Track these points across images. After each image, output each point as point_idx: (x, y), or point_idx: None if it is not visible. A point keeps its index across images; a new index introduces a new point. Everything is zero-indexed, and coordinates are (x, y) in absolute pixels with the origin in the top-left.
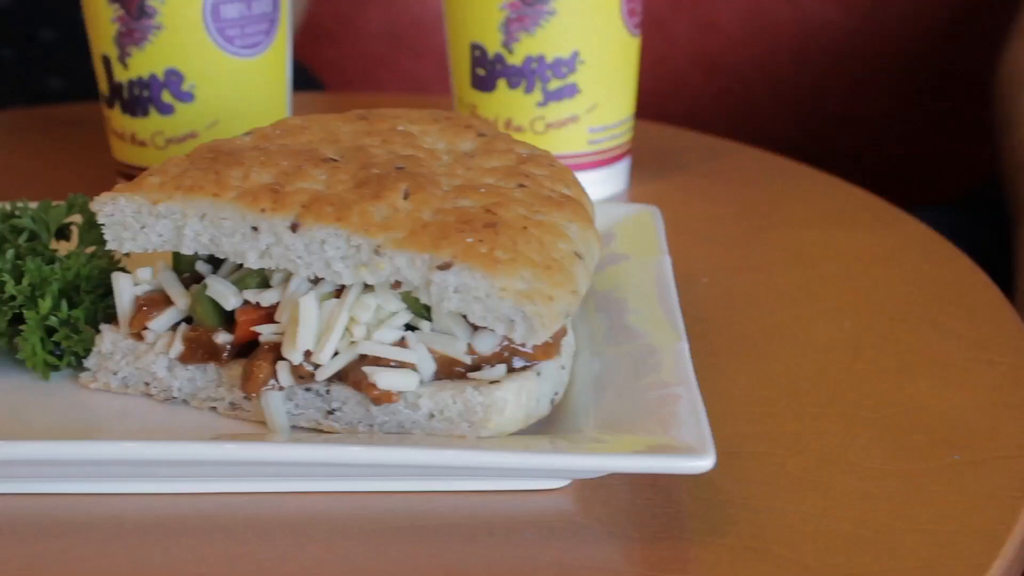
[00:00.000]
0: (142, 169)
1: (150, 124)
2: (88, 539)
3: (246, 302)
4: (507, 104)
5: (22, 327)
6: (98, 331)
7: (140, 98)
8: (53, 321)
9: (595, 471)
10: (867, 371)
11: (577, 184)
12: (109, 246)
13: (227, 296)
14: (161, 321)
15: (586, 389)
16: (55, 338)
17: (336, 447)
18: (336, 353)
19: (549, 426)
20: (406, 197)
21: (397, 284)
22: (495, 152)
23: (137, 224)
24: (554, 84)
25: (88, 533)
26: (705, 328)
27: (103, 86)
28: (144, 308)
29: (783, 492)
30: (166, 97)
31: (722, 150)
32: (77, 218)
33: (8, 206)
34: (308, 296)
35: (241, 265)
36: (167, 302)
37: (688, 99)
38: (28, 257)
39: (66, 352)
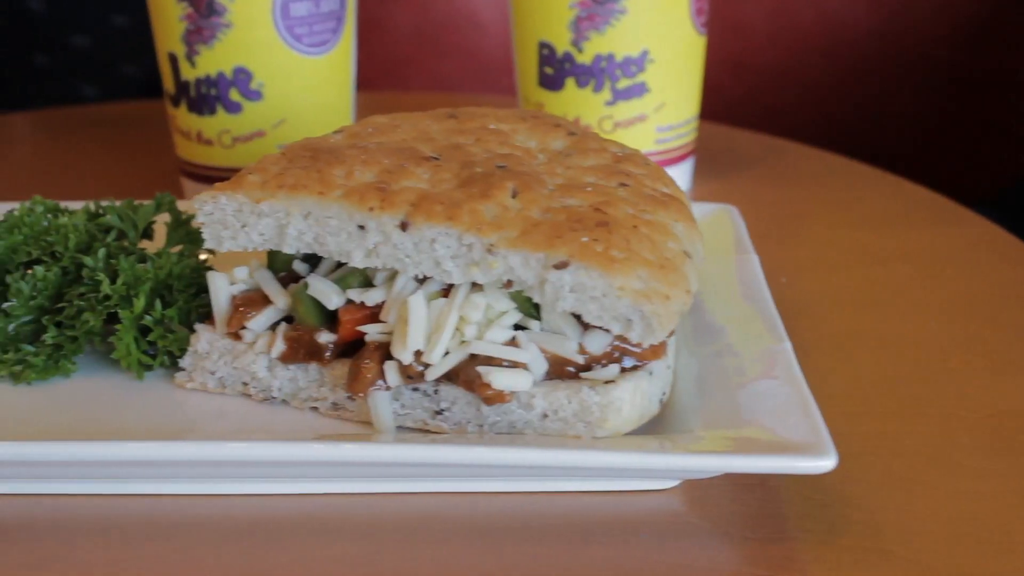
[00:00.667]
0: (207, 167)
1: (217, 122)
2: (199, 540)
3: (349, 301)
4: (575, 103)
5: (116, 327)
6: (192, 330)
7: (207, 96)
8: (148, 321)
9: (716, 471)
10: (960, 371)
11: (673, 182)
12: (207, 245)
13: (330, 295)
14: (260, 320)
15: (689, 389)
16: (150, 338)
17: (460, 447)
18: (446, 353)
19: (656, 426)
20: (514, 196)
21: (508, 283)
22: (589, 151)
23: (238, 223)
24: (623, 83)
25: (199, 534)
26: (791, 327)
27: (168, 84)
28: (241, 308)
29: (893, 492)
30: (234, 95)
31: (779, 149)
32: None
33: (92, 205)
34: (416, 296)
35: (340, 264)
36: (264, 301)
37: (717, 99)
38: (121, 256)
39: (159, 352)
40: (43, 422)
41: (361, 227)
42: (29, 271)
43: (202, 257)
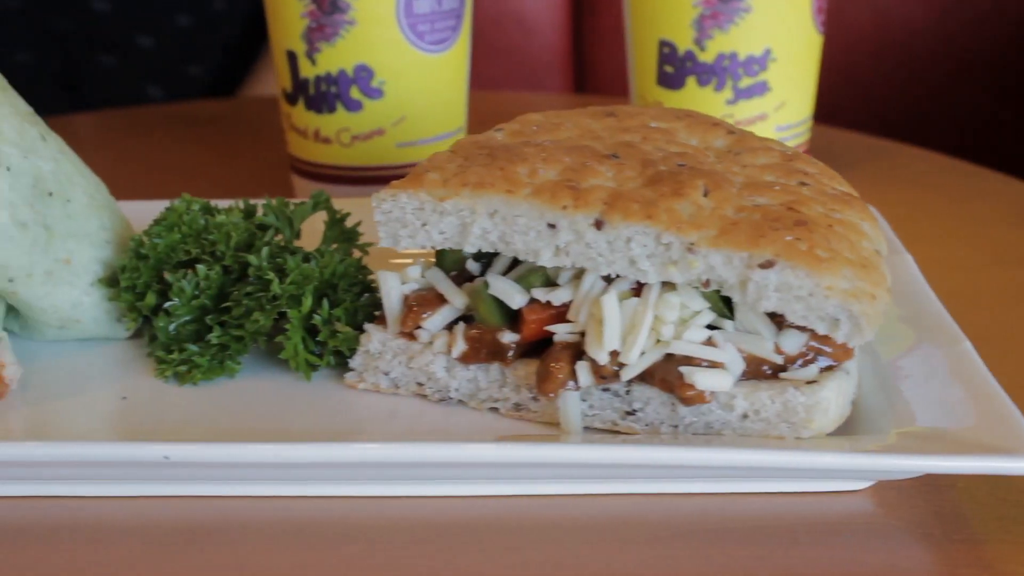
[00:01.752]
0: (324, 166)
1: (336, 120)
2: (393, 543)
3: (532, 300)
4: (695, 102)
5: (285, 326)
6: (358, 330)
7: (327, 94)
8: (317, 320)
9: (919, 471)
10: None
11: (845, 181)
12: (383, 243)
13: (513, 295)
14: (435, 320)
15: (874, 389)
16: (320, 338)
17: (675, 448)
18: (642, 353)
19: (843, 427)
20: (706, 194)
21: (706, 283)
22: (757, 149)
23: (418, 221)
24: (745, 82)
25: (393, 536)
26: None
27: (285, 82)
28: (415, 307)
29: None
30: (354, 93)
31: (882, 150)
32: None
33: (241, 203)
34: (610, 295)
35: (514, 263)
36: (439, 301)
37: None
38: (287, 255)
39: (325, 352)
40: (212, 423)
41: (551, 225)
42: (188, 270)
43: (358, 256)
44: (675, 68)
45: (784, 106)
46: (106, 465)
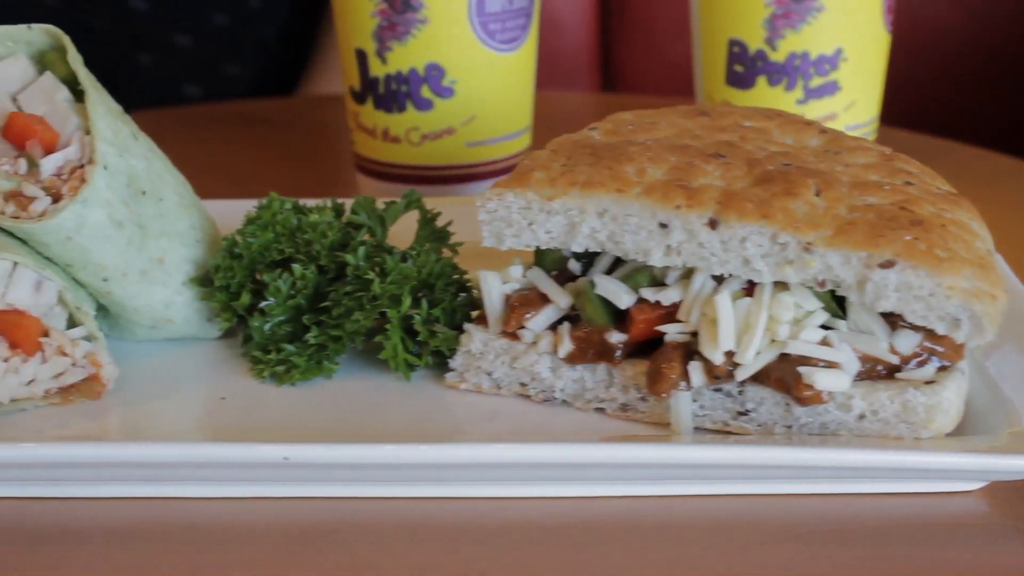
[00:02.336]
0: (392, 165)
1: (406, 120)
2: (510, 543)
3: (640, 300)
4: (765, 102)
5: (385, 326)
6: (458, 330)
7: (397, 93)
8: (416, 320)
9: None
10: None
11: (945, 180)
12: (486, 243)
13: (620, 294)
14: (539, 320)
15: (978, 389)
16: (420, 338)
17: (800, 449)
18: (757, 353)
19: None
20: (818, 194)
21: (822, 283)
22: (855, 149)
23: (524, 220)
24: (816, 81)
25: (510, 537)
26: None
27: (353, 81)
28: (518, 307)
29: None
30: (425, 92)
31: (944, 149)
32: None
33: (328, 202)
34: (723, 295)
35: (616, 262)
36: (541, 301)
37: None
38: (385, 255)
39: (424, 352)
40: (314, 424)
41: (663, 225)
42: (283, 270)
43: (449, 255)
44: (745, 68)
45: (853, 105)
46: (224, 466)
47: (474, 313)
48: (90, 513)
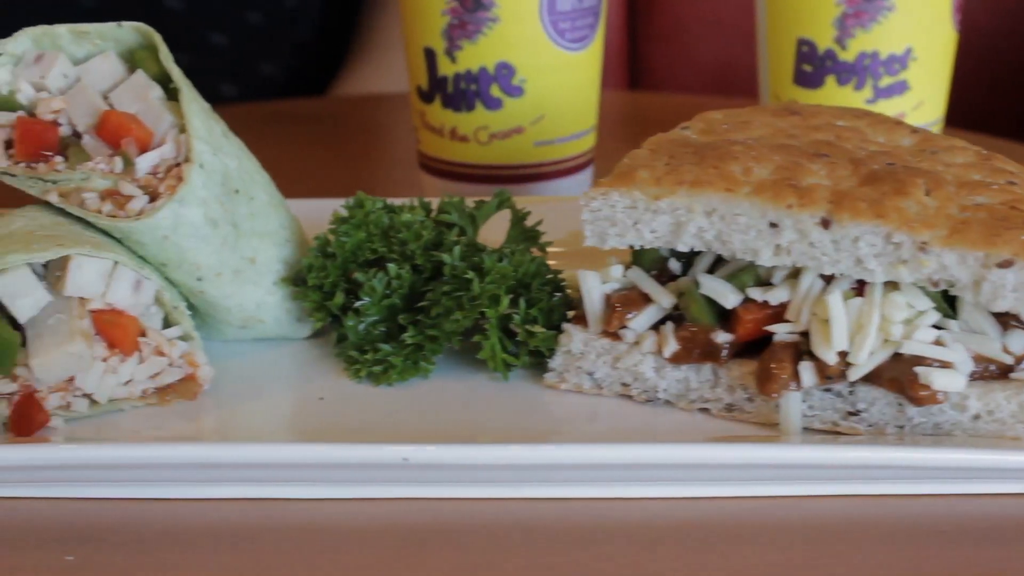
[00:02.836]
0: (460, 164)
1: (475, 119)
2: (624, 544)
3: (747, 300)
4: (834, 101)
5: (485, 327)
6: (555, 329)
7: (466, 92)
8: (515, 320)
9: None
10: None
11: None
12: (588, 242)
13: (726, 294)
14: (642, 320)
15: None
16: (519, 338)
17: (926, 450)
18: (870, 353)
19: None
20: (927, 193)
21: (935, 282)
22: (951, 148)
23: (629, 220)
24: (885, 81)
25: (623, 537)
26: None
27: (420, 80)
28: (619, 307)
29: None
30: (495, 91)
31: (999, 150)
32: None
33: (416, 202)
34: (835, 295)
35: (717, 261)
36: (642, 300)
37: None
38: (482, 254)
39: (521, 352)
40: (415, 424)
41: (773, 224)
42: (377, 269)
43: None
44: (814, 67)
45: (922, 105)
46: (341, 468)
47: (569, 313)
48: (196, 515)
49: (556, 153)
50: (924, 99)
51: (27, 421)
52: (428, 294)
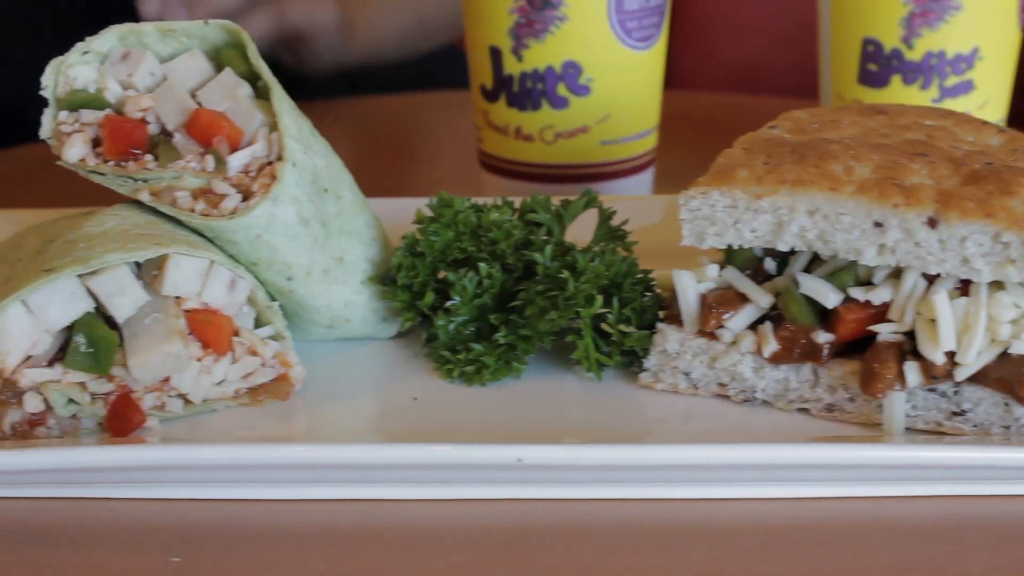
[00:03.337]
0: (524, 164)
1: (540, 118)
2: (734, 545)
3: (847, 299)
4: (899, 100)
5: (579, 326)
6: (647, 329)
7: (532, 91)
8: (610, 320)
9: None
10: None
11: None
12: (685, 241)
13: (827, 294)
14: (739, 320)
15: None
16: (614, 337)
17: None
18: (978, 353)
19: None
20: None
21: None
22: None
23: (729, 219)
24: (951, 80)
25: (735, 538)
26: None
27: (485, 79)
28: (715, 307)
29: None
30: (561, 90)
31: None
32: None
33: (500, 200)
34: (941, 295)
35: (812, 261)
36: (739, 300)
37: None
38: (576, 254)
39: (613, 351)
40: (511, 424)
41: (878, 224)
42: (468, 269)
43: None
44: (879, 66)
45: (986, 105)
46: (453, 468)
47: (662, 313)
48: (298, 516)
49: (620, 152)
50: (988, 99)
51: (124, 421)
52: (521, 293)
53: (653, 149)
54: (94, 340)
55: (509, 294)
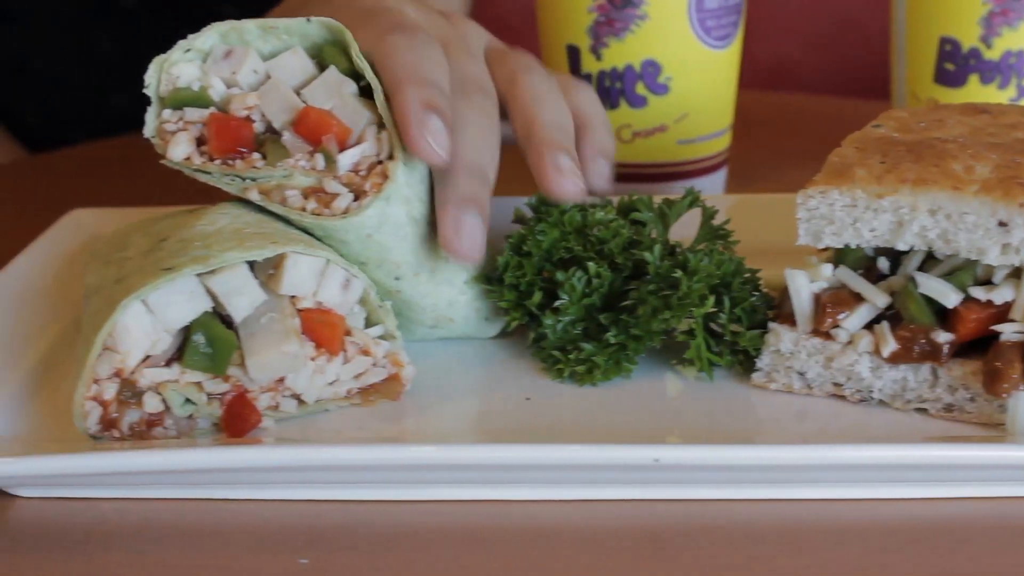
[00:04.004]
0: None
1: (618, 117)
2: (866, 547)
3: (967, 299)
4: (976, 100)
5: (691, 326)
6: (757, 328)
7: (611, 90)
8: (722, 319)
9: None
10: None
11: None
12: (801, 241)
13: (947, 294)
14: (855, 319)
15: None
16: (727, 337)
17: None
18: None
19: None
20: None
21: None
22: None
23: (848, 218)
24: None
25: (861, 539)
26: None
27: None
28: (829, 306)
29: None
30: (640, 89)
31: None
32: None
33: (600, 200)
34: None
35: (927, 260)
36: (853, 299)
37: None
38: (687, 253)
39: (723, 351)
40: (626, 423)
41: (1002, 223)
42: (575, 268)
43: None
44: (956, 65)
45: None
46: (590, 468)
47: (771, 312)
48: (425, 516)
49: (697, 152)
50: None
51: (241, 421)
52: (632, 293)
53: (727, 149)
54: (213, 340)
55: (617, 294)
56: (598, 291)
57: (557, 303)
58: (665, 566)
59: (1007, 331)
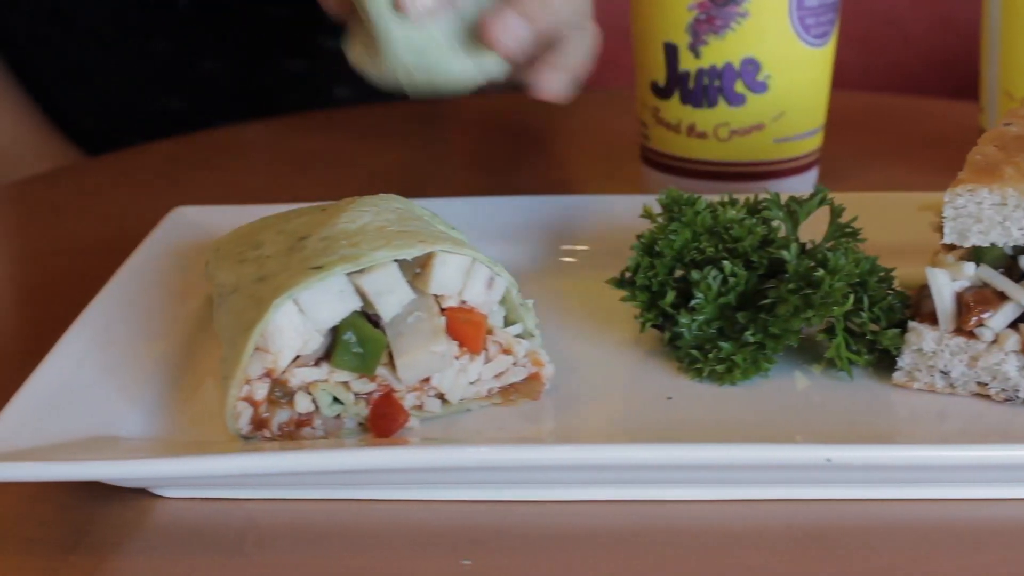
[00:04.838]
0: (696, 161)
1: (715, 115)
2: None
3: None
4: None
5: (832, 324)
6: (894, 327)
7: (709, 88)
8: (863, 317)
9: None
10: None
11: None
12: (948, 239)
13: None
14: (999, 318)
15: None
16: (869, 336)
17: None
18: None
19: None
20: None
21: None
22: None
23: (997, 217)
24: None
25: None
26: None
27: (657, 76)
28: (973, 305)
29: None
30: (739, 87)
31: None
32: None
33: (724, 198)
34: None
35: None
36: (997, 298)
37: None
38: (826, 252)
39: (862, 350)
40: (770, 423)
41: None
42: (710, 267)
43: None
44: None
45: None
46: (757, 468)
47: (907, 311)
48: (585, 517)
49: (793, 150)
50: None
51: (389, 421)
52: (770, 291)
53: (819, 148)
54: (363, 339)
55: (752, 292)
56: (734, 290)
57: (692, 302)
58: (834, 567)
59: None
